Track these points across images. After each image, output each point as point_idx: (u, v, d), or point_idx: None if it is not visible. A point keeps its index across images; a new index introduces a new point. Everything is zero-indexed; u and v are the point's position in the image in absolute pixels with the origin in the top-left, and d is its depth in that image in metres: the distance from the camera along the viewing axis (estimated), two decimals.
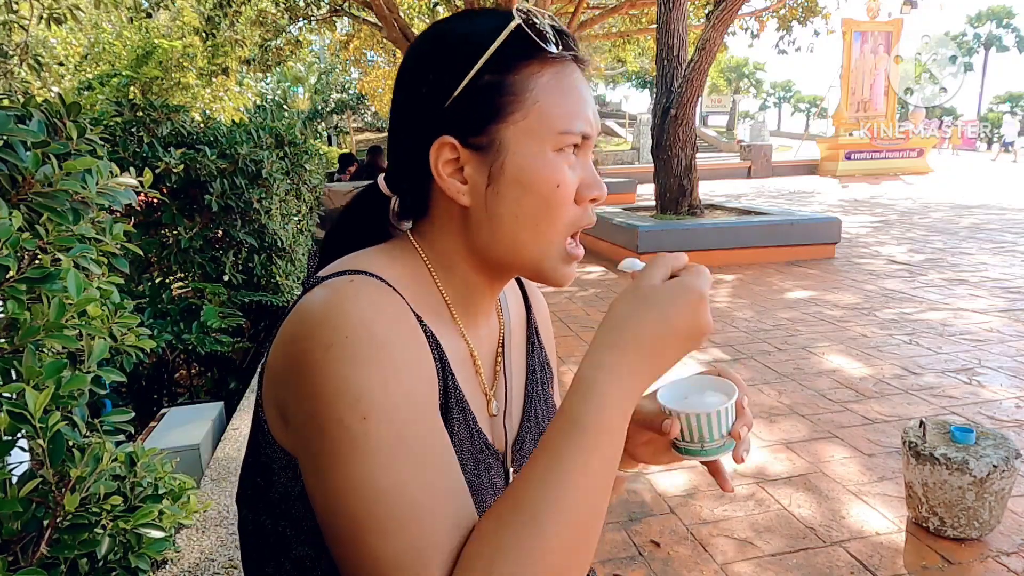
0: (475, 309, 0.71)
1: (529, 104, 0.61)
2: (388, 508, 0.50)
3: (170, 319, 2.56)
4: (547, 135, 0.61)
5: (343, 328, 0.53)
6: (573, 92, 0.63)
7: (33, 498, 0.92)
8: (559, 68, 0.63)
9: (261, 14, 11.34)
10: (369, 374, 0.52)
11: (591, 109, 0.65)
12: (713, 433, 0.65)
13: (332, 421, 0.52)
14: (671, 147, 7.57)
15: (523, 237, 0.63)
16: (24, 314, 0.89)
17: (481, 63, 0.60)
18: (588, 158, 0.65)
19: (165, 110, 2.86)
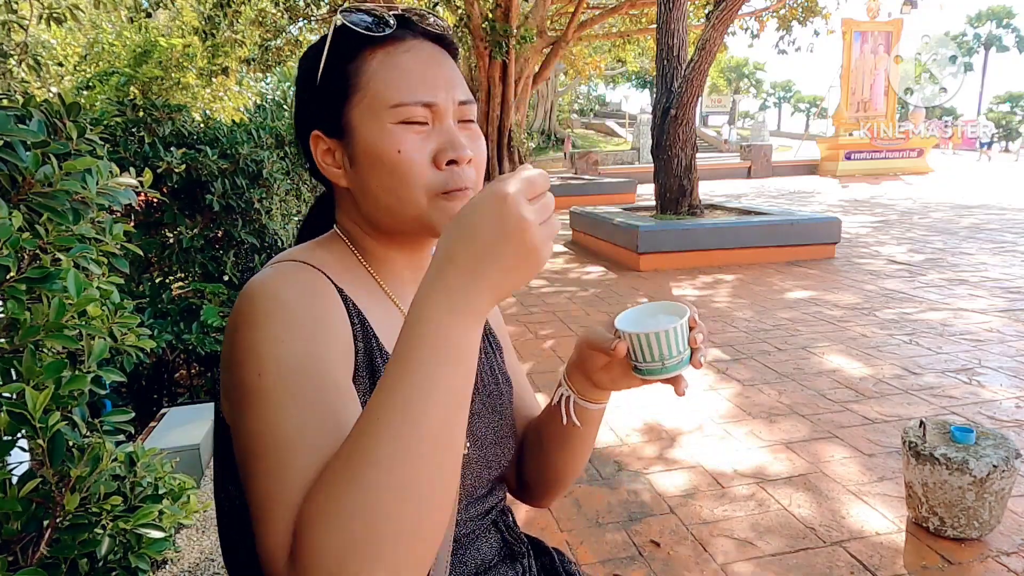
0: (400, 277, 0.77)
1: (364, 85, 0.67)
2: (264, 447, 0.56)
3: (170, 319, 2.56)
4: (382, 110, 0.66)
5: (257, 299, 0.62)
6: (410, 66, 0.68)
7: (33, 498, 0.92)
8: (393, 47, 0.68)
9: (261, 14, 11.34)
10: (269, 334, 0.59)
11: (438, 79, 0.68)
12: (672, 350, 0.67)
13: (239, 381, 0.59)
14: (671, 147, 7.57)
15: (390, 203, 0.69)
16: (24, 314, 0.89)
17: (323, 59, 0.69)
18: (447, 123, 0.69)
19: (166, 110, 2.86)
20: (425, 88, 0.67)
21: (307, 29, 13.15)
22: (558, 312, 5.13)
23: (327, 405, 0.58)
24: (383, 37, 0.68)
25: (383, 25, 0.68)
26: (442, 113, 0.68)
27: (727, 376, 3.59)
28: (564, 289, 5.99)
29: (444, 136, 0.68)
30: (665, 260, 6.72)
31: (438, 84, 0.68)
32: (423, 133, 0.67)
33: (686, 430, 2.94)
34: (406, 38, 0.69)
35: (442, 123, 0.68)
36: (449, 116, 0.69)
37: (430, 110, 0.67)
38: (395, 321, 0.74)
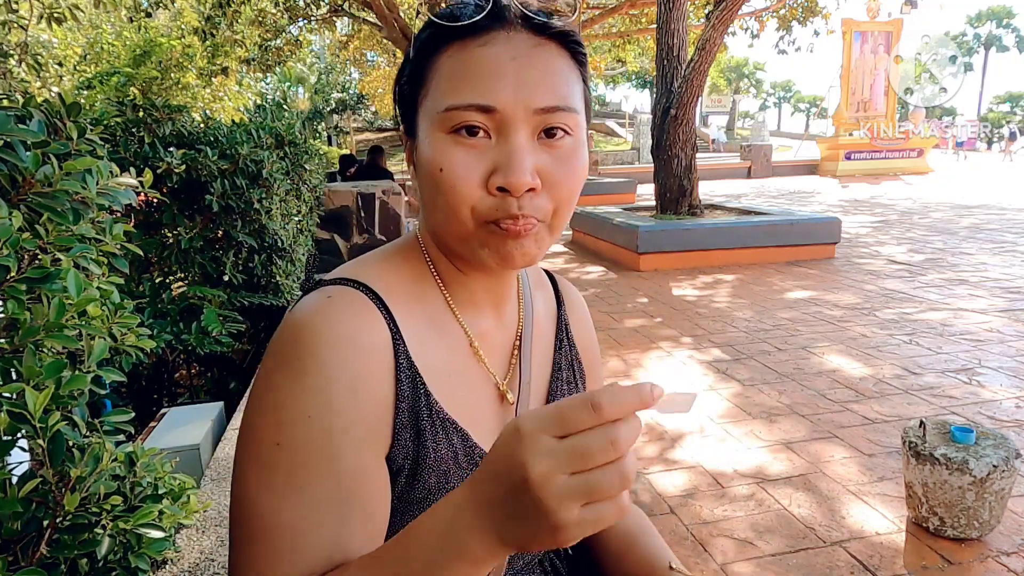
0: (474, 299, 0.69)
1: (430, 86, 0.58)
2: (259, 528, 0.55)
3: (170, 319, 2.56)
4: (434, 115, 0.57)
5: (296, 350, 0.57)
6: (476, 63, 0.56)
7: (33, 498, 0.92)
8: (468, 41, 0.57)
9: (261, 14, 11.34)
10: (304, 403, 0.55)
11: (506, 78, 0.55)
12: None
13: (255, 429, 0.56)
14: (671, 147, 7.57)
15: (438, 220, 0.60)
16: (24, 314, 0.89)
17: (410, 55, 0.62)
18: (512, 136, 0.56)
19: (167, 110, 2.86)
20: (484, 88, 0.55)
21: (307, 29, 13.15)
22: None
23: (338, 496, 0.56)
24: (462, 28, 0.57)
25: (463, 13, 0.57)
26: (506, 122, 0.55)
27: (727, 376, 3.59)
28: None
29: (502, 154, 0.55)
30: (665, 260, 6.72)
31: (504, 84, 0.55)
32: (480, 146, 0.56)
33: (686, 430, 2.94)
34: (491, 28, 0.57)
35: (506, 136, 0.56)
36: (518, 126, 0.56)
37: (490, 117, 0.55)
38: (457, 350, 0.67)
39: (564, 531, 0.40)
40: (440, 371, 0.64)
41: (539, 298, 0.80)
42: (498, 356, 0.71)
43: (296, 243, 3.41)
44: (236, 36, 10.18)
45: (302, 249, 3.59)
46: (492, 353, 0.70)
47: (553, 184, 0.57)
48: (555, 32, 0.58)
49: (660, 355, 4.00)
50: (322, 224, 5.15)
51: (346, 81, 29.77)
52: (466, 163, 0.56)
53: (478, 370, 0.68)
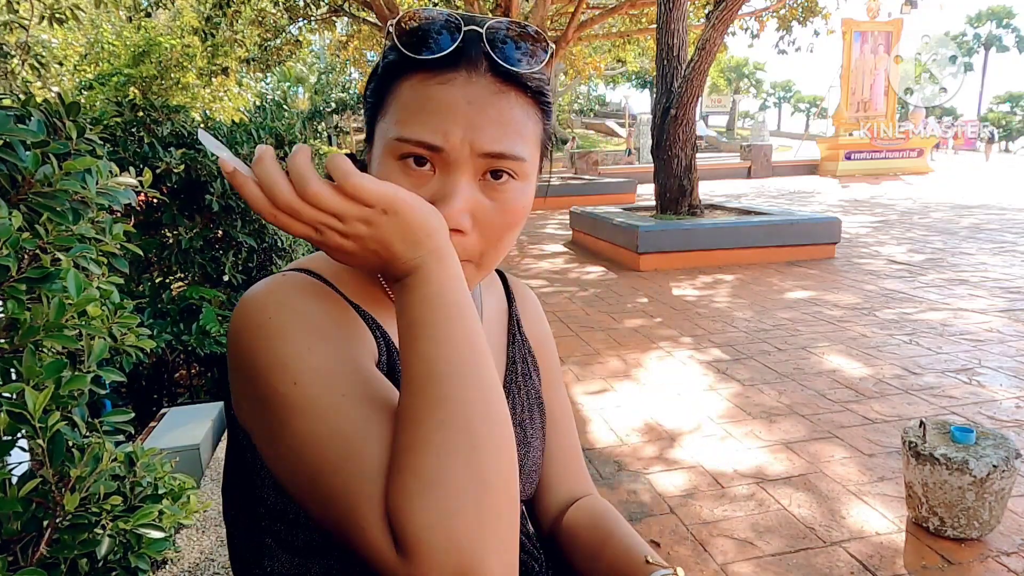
0: None
1: (389, 106, 0.61)
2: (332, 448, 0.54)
3: (170, 319, 2.56)
4: (386, 139, 0.60)
5: (268, 307, 0.58)
6: (433, 100, 0.58)
7: (33, 498, 0.92)
8: (430, 75, 0.58)
9: (260, 14, 11.34)
10: (294, 342, 0.57)
11: (458, 122, 0.57)
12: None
13: (270, 392, 0.56)
14: (671, 147, 7.57)
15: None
16: (24, 314, 0.89)
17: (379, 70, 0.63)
18: (452, 176, 0.59)
19: (166, 110, 2.86)
20: (434, 128, 0.57)
21: (307, 29, 13.15)
22: (558, 312, 5.13)
23: (375, 393, 0.56)
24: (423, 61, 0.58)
25: (431, 45, 0.58)
26: (450, 161, 0.58)
27: (727, 376, 3.59)
28: (564, 289, 5.99)
29: (439, 189, 0.59)
30: (665, 260, 6.72)
31: (455, 126, 0.57)
32: (423, 178, 0.59)
33: (686, 430, 2.94)
34: (456, 67, 0.58)
35: (449, 173, 0.59)
36: (461, 167, 0.58)
37: (437, 155, 0.58)
38: None
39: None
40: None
41: (490, 296, 0.82)
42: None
43: (296, 243, 3.41)
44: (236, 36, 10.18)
45: (302, 249, 3.59)
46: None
47: (485, 226, 0.61)
48: (519, 79, 0.60)
49: (660, 355, 4.00)
50: None
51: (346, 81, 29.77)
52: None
53: None
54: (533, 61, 0.60)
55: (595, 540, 0.79)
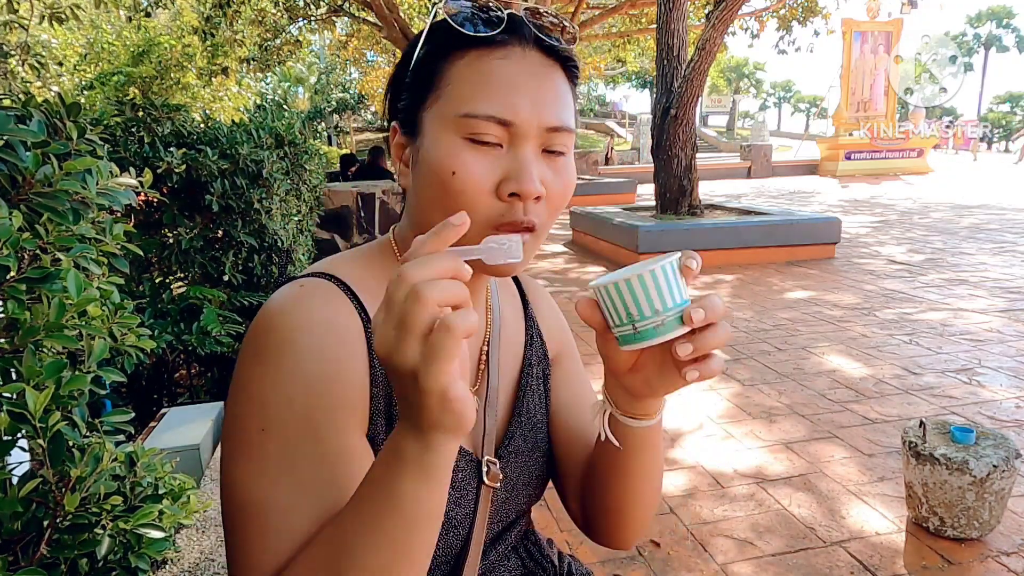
0: None
1: (443, 87, 0.60)
2: (251, 512, 0.56)
3: (170, 319, 2.56)
4: (449, 118, 0.59)
5: (274, 335, 0.58)
6: (496, 76, 0.58)
7: (33, 498, 0.92)
8: (488, 51, 0.59)
9: (260, 14, 11.34)
10: (281, 386, 0.56)
11: (525, 96, 0.58)
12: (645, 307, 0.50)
13: (239, 418, 0.58)
14: (671, 147, 7.57)
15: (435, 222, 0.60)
16: (24, 314, 0.89)
17: (416, 54, 0.62)
18: (523, 149, 0.59)
19: (166, 110, 2.85)
20: (504, 103, 0.58)
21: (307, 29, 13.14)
22: None
23: (325, 476, 0.57)
24: (482, 38, 0.59)
25: (482, 23, 0.59)
26: (521, 136, 0.59)
27: (727, 376, 3.59)
28: (564, 289, 5.99)
29: (515, 163, 0.59)
30: None
31: (522, 101, 0.58)
32: (492, 154, 0.59)
33: (686, 430, 2.94)
34: (509, 43, 0.59)
35: (518, 148, 0.59)
36: (529, 141, 0.59)
37: (506, 129, 0.58)
38: None
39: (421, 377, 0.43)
40: None
41: (506, 303, 0.82)
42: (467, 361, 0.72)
43: (296, 243, 3.41)
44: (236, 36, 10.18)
45: (302, 249, 3.59)
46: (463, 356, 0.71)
47: (551, 195, 0.62)
48: (561, 56, 0.63)
49: None
50: (322, 224, 5.15)
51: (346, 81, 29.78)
52: (479, 169, 0.58)
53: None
54: (569, 40, 0.63)
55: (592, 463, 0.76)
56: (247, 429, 0.57)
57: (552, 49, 0.62)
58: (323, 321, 0.59)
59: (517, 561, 0.76)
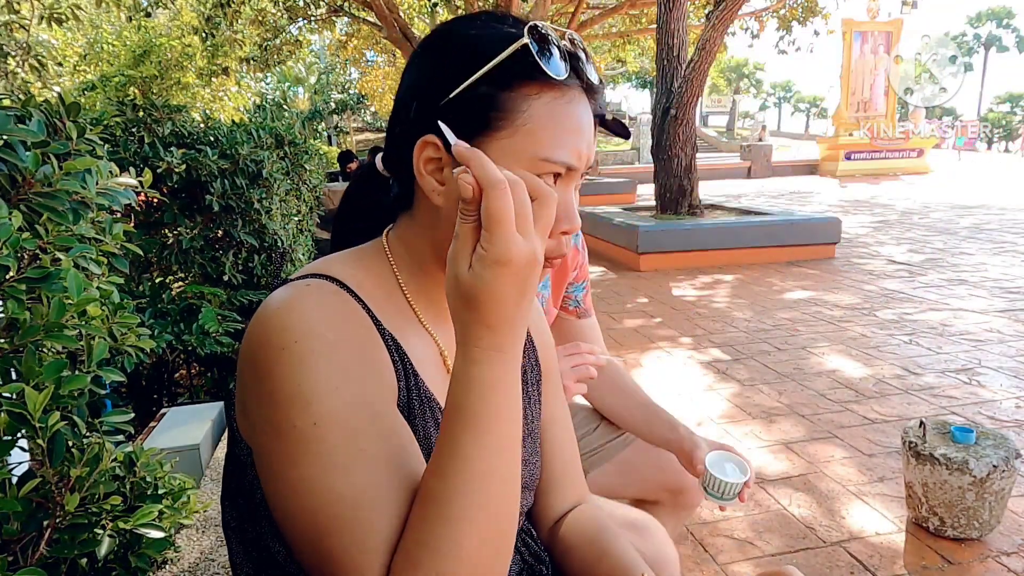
0: (442, 310, 0.72)
1: (519, 124, 0.60)
2: (339, 508, 0.53)
3: (170, 319, 2.56)
4: (527, 159, 0.60)
5: (294, 331, 0.56)
6: (568, 121, 0.61)
7: (33, 498, 0.92)
8: (560, 94, 0.61)
9: (261, 14, 11.34)
10: (319, 378, 0.55)
11: (585, 142, 0.63)
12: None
13: (286, 424, 0.55)
14: (671, 147, 7.57)
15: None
16: (24, 314, 0.89)
17: (480, 74, 0.59)
18: (570, 189, 0.64)
19: (166, 110, 2.85)
20: (573, 151, 0.61)
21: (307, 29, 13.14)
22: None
23: (394, 455, 0.56)
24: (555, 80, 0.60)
25: (561, 64, 0.60)
26: (573, 177, 0.64)
27: (727, 376, 3.59)
28: None
29: (566, 204, 0.63)
30: (665, 260, 6.72)
31: (583, 147, 0.62)
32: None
33: None
34: (573, 87, 0.62)
35: (567, 187, 0.64)
36: (576, 180, 0.65)
37: (568, 172, 0.62)
38: (432, 357, 0.70)
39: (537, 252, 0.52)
40: (419, 358, 0.67)
41: None
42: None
43: (296, 243, 3.41)
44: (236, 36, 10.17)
45: (302, 249, 3.59)
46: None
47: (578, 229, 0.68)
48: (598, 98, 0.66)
49: (660, 355, 4.00)
50: (322, 224, 5.15)
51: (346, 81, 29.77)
52: None
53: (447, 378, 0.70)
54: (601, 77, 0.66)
55: (591, 556, 0.78)
56: (299, 429, 0.54)
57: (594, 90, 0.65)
58: (342, 313, 0.60)
59: (516, 556, 0.76)
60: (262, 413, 0.57)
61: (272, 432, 0.56)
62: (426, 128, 0.62)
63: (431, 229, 0.67)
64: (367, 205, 0.76)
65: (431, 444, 0.65)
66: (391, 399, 0.61)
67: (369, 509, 0.53)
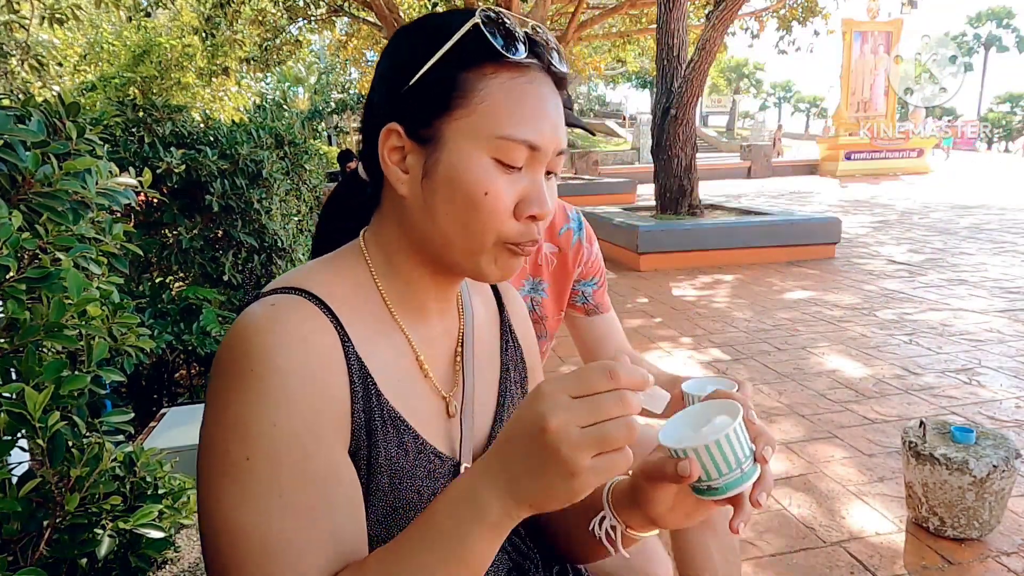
0: (422, 307, 0.71)
1: (475, 104, 0.60)
2: (248, 546, 0.54)
3: (170, 319, 2.56)
4: (484, 138, 0.60)
5: (251, 356, 0.56)
6: (528, 100, 0.61)
7: (33, 498, 0.92)
8: (519, 73, 0.61)
9: (260, 14, 11.34)
10: (264, 412, 0.55)
11: (549, 123, 0.62)
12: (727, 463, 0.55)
13: (222, 448, 0.55)
14: (671, 147, 7.57)
15: (451, 235, 0.63)
16: (24, 314, 0.89)
17: (436, 57, 0.60)
18: (539, 172, 0.63)
19: (166, 110, 2.86)
20: (536, 128, 0.60)
21: (307, 29, 13.15)
22: None
23: (317, 502, 0.56)
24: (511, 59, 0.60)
25: (518, 45, 0.60)
26: (540, 159, 0.62)
27: (727, 376, 3.59)
28: None
29: (533, 187, 0.62)
30: (665, 260, 6.72)
31: (548, 127, 0.62)
32: (513, 176, 0.61)
33: None
34: (531, 67, 0.62)
35: (535, 170, 0.63)
36: (544, 164, 0.63)
37: (531, 153, 0.61)
38: (402, 357, 0.68)
39: (577, 478, 0.46)
40: (389, 373, 0.66)
41: (478, 302, 0.82)
42: (442, 364, 0.73)
43: (296, 243, 3.41)
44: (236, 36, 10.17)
45: (302, 249, 3.59)
46: (436, 361, 0.72)
47: (550, 215, 0.65)
48: (564, 83, 0.66)
49: (660, 355, 4.00)
50: None
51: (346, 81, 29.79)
52: (507, 191, 0.61)
53: (424, 381, 0.70)
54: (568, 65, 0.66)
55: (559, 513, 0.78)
56: (231, 457, 0.55)
57: (558, 76, 0.64)
58: (301, 339, 0.58)
59: (504, 556, 0.76)
60: (207, 430, 0.57)
61: (209, 452, 0.57)
62: (389, 116, 0.63)
63: (399, 222, 0.67)
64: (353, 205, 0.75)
65: (394, 465, 0.64)
66: (337, 436, 0.60)
67: (275, 558, 0.54)
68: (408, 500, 0.64)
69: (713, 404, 0.63)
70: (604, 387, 0.47)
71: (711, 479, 0.55)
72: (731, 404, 0.61)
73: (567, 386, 0.47)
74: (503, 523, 0.50)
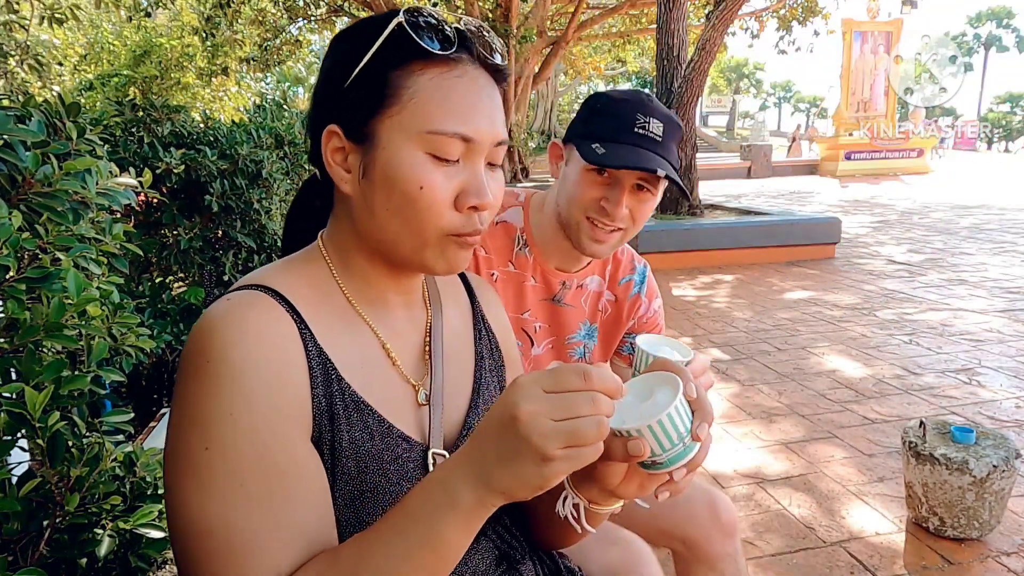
0: (384, 300, 0.72)
1: (405, 101, 0.61)
2: (213, 540, 0.55)
3: (170, 319, 2.56)
4: (416, 134, 0.61)
5: (208, 352, 0.57)
6: (457, 94, 0.62)
7: (33, 498, 0.92)
8: (447, 69, 0.62)
9: (260, 14, 11.34)
10: (220, 404, 0.56)
11: (484, 116, 0.63)
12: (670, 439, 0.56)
13: (181, 441, 0.57)
14: None
15: (395, 229, 0.64)
16: (24, 314, 0.89)
17: (366, 59, 0.62)
18: (477, 164, 0.64)
19: (166, 110, 2.85)
20: (467, 121, 0.62)
21: (307, 29, 13.16)
22: None
23: (279, 494, 0.57)
24: (438, 55, 0.61)
25: (444, 42, 0.62)
26: (476, 151, 0.63)
27: (727, 376, 3.59)
28: None
29: (472, 178, 0.63)
30: (665, 260, 6.72)
31: (481, 119, 0.63)
32: (450, 168, 0.62)
33: None
34: (461, 61, 0.63)
35: (473, 162, 0.64)
36: (482, 156, 0.64)
37: (466, 145, 0.62)
38: (368, 348, 0.69)
39: (547, 466, 0.47)
40: (352, 360, 0.67)
41: (451, 296, 0.83)
42: (411, 354, 0.74)
43: None
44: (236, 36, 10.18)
45: None
46: (404, 351, 0.73)
47: (492, 206, 0.66)
48: (501, 73, 0.67)
49: None
50: None
51: None
52: (443, 184, 0.62)
53: (393, 369, 0.71)
54: (502, 57, 0.67)
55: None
56: (191, 450, 0.56)
57: (495, 68, 0.66)
58: (257, 332, 0.59)
59: (488, 543, 0.76)
60: (170, 427, 0.58)
61: (172, 445, 0.58)
62: (329, 118, 0.65)
63: (349, 220, 0.68)
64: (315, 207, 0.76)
65: (359, 449, 0.64)
66: (297, 427, 0.60)
67: (241, 552, 0.54)
68: (375, 484, 0.65)
69: (653, 377, 0.62)
70: (577, 387, 0.49)
71: (655, 455, 0.57)
72: (671, 377, 0.60)
73: (542, 381, 0.49)
74: (476, 511, 0.51)
